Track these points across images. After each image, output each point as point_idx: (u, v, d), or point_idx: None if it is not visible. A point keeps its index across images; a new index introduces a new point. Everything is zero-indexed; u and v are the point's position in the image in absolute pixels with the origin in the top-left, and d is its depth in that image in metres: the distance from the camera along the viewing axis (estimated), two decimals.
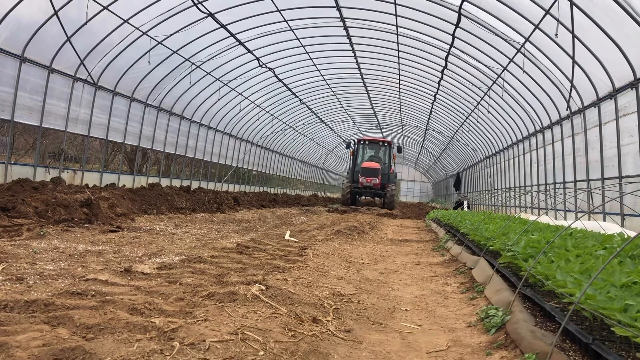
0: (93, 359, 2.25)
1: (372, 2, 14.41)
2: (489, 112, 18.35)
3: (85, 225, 7.03)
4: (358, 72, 21.60)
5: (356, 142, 27.18)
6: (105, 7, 11.82)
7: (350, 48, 18.73)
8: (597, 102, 10.71)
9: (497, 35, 12.62)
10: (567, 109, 12.31)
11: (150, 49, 14.05)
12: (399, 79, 21.48)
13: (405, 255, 7.51)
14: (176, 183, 18.67)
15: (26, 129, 17.61)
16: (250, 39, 16.52)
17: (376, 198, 26.97)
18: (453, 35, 14.04)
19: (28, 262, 4.32)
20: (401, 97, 24.65)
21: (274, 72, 19.59)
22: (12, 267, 4.07)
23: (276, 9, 15.05)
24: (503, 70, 14.41)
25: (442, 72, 17.71)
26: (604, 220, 9.67)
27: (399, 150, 27.22)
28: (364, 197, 27.47)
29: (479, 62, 15.15)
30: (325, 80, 22.92)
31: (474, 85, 17.12)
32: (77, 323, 2.69)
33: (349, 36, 17.42)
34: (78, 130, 13.75)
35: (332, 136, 35.95)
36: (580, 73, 10.70)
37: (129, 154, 22.51)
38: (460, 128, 24.41)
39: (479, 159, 25.86)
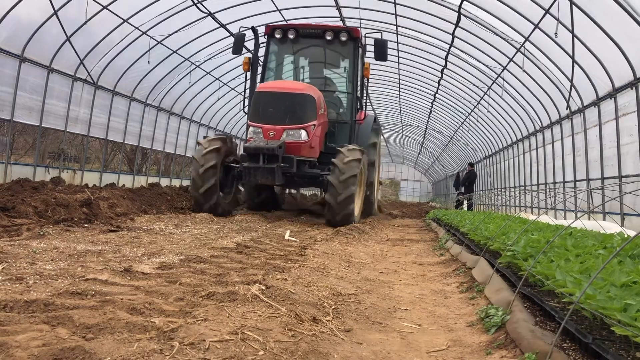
0: (93, 359, 2.25)
1: (372, 2, 14.43)
2: (488, 111, 18.36)
3: (85, 225, 7.03)
4: None
5: (265, 35, 11.93)
6: (104, 7, 11.82)
7: None
8: (597, 102, 10.71)
9: (496, 34, 12.63)
10: (566, 109, 12.31)
11: (150, 49, 14.06)
12: (399, 78, 21.48)
13: (405, 255, 7.51)
14: (176, 183, 18.67)
15: (26, 128, 17.62)
16: (250, 38, 16.51)
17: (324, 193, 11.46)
18: (453, 34, 14.06)
19: (28, 262, 4.32)
20: (401, 96, 24.64)
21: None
22: (12, 267, 4.06)
23: (276, 9, 15.07)
24: (503, 70, 14.42)
25: (441, 71, 17.73)
26: (604, 219, 9.67)
27: (380, 53, 11.51)
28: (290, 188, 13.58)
29: (479, 61, 15.15)
30: None
31: (474, 85, 17.13)
32: (77, 323, 2.69)
33: None
34: (78, 130, 13.75)
35: None
36: (580, 72, 10.71)
37: (128, 153, 22.51)
38: (460, 127, 24.41)
39: (481, 157, 25.84)
